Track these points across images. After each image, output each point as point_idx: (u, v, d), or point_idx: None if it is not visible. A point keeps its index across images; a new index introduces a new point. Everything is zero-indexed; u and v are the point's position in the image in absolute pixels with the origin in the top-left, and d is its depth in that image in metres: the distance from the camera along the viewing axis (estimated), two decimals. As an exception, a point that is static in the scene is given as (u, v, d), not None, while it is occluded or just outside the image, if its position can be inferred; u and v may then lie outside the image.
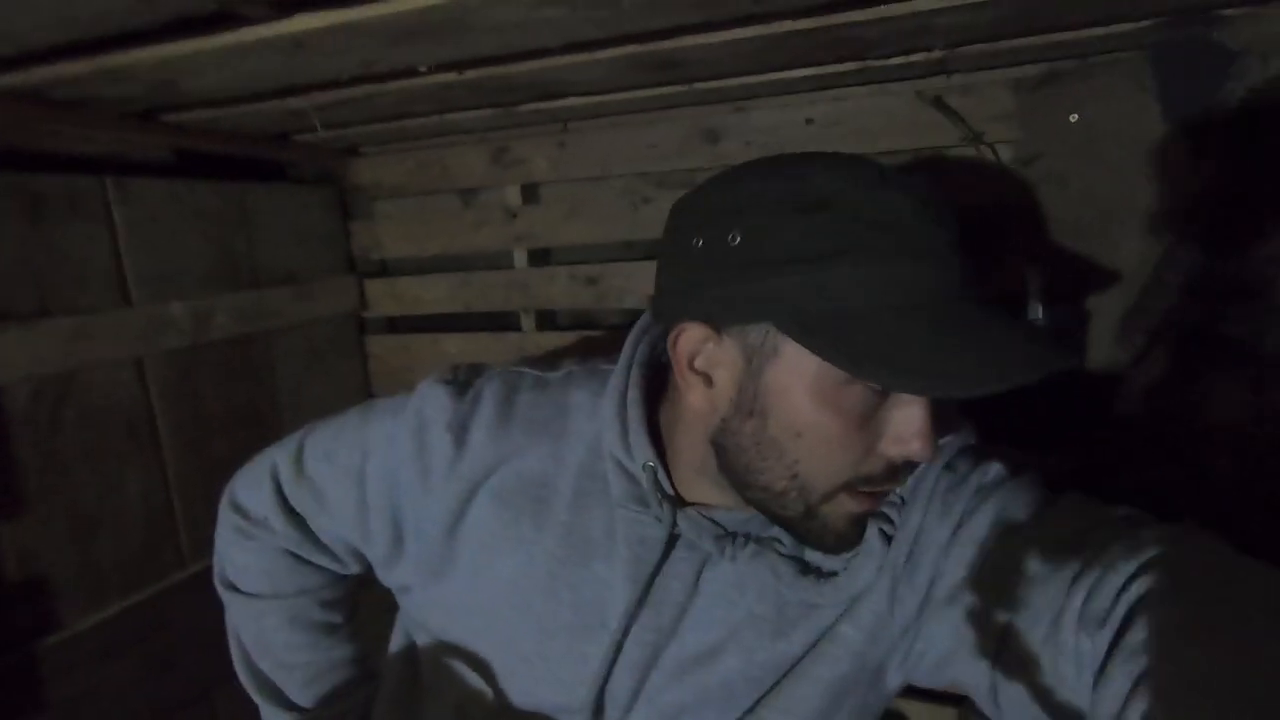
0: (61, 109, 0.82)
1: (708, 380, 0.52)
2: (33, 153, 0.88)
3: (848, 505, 0.50)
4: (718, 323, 0.50)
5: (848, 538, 0.52)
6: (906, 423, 0.47)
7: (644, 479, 0.56)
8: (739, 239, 0.47)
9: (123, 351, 0.96)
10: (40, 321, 0.87)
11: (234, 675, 0.75)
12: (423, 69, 0.75)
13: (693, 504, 0.57)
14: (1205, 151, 0.70)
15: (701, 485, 0.57)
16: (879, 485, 0.50)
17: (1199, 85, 0.74)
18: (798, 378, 0.48)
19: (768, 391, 0.49)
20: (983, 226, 0.97)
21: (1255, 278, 0.60)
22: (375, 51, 0.68)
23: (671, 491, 0.57)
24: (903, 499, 0.55)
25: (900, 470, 0.50)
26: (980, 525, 0.52)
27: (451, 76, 0.79)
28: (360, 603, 0.81)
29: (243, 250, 1.15)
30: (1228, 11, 0.74)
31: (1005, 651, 0.49)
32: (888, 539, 0.54)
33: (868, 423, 0.48)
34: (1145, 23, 0.77)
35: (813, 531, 0.52)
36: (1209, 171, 0.69)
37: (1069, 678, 0.43)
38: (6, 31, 0.58)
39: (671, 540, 0.57)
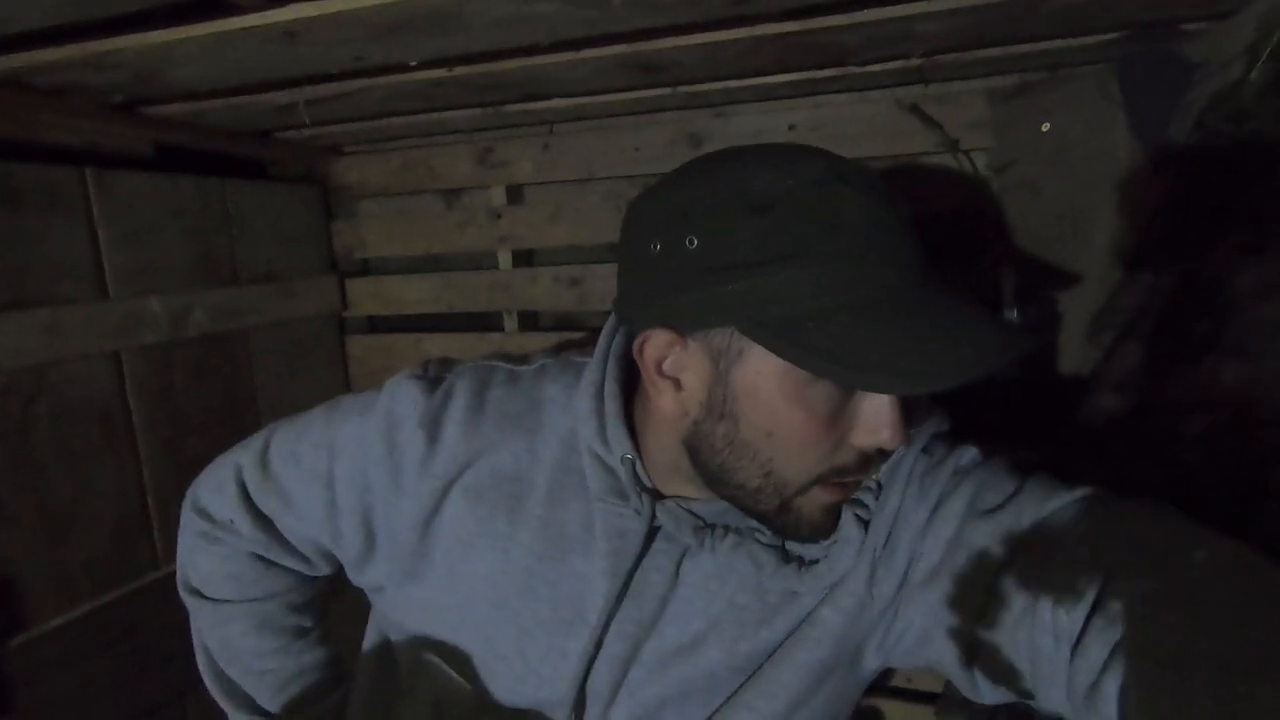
0: (43, 97, 0.81)
1: (677, 384, 0.52)
2: (10, 142, 0.87)
3: (821, 497, 0.51)
4: (682, 328, 0.50)
5: (822, 527, 0.53)
6: (876, 414, 0.48)
7: (622, 472, 0.56)
8: (695, 243, 0.47)
9: (99, 346, 0.95)
10: (13, 314, 0.86)
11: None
12: (413, 63, 0.76)
13: (670, 496, 0.58)
14: (1167, 157, 0.73)
15: (677, 479, 0.57)
16: (852, 476, 0.51)
17: (1162, 95, 0.78)
18: (765, 379, 0.48)
19: (736, 394, 0.49)
20: (959, 230, 1.00)
21: (1212, 276, 0.63)
22: (366, 44, 0.68)
23: (650, 484, 0.57)
24: (879, 484, 0.57)
25: (873, 460, 0.51)
26: (957, 507, 0.54)
27: (441, 73, 0.80)
28: (332, 606, 0.79)
29: (223, 247, 1.14)
30: (1189, 26, 0.77)
31: (982, 629, 0.50)
32: (864, 524, 0.55)
33: (837, 417, 0.48)
34: (1111, 35, 0.80)
35: (788, 524, 0.53)
36: (1170, 175, 0.72)
37: (1046, 651, 0.45)
38: (-7, 13, 0.58)
39: (651, 532, 0.57)
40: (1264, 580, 0.38)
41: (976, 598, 0.51)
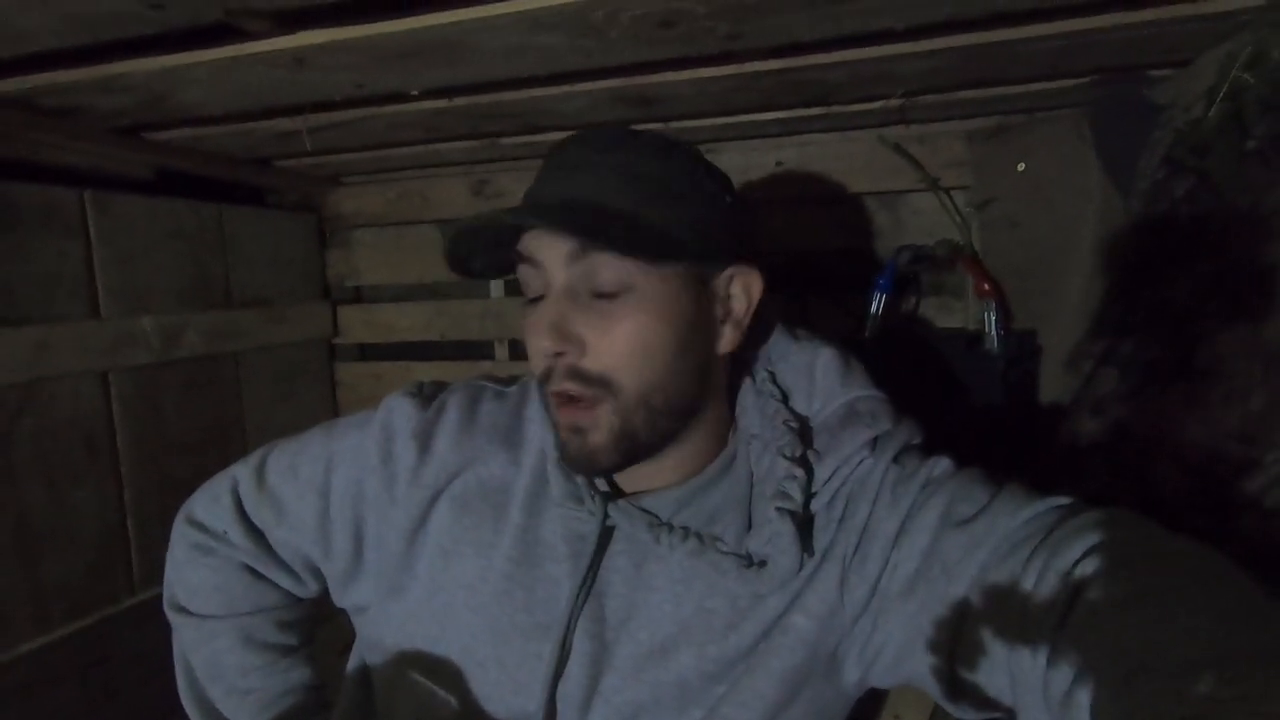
0: (48, 119, 0.83)
1: None
2: (10, 161, 0.88)
3: (554, 412, 0.57)
4: None
5: (572, 456, 0.56)
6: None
7: (579, 476, 0.59)
8: None
9: (88, 364, 0.95)
10: (3, 330, 0.86)
11: (179, 710, 0.72)
12: (415, 92, 0.79)
13: (631, 494, 0.60)
14: (1137, 192, 0.77)
15: (633, 471, 0.59)
16: (548, 385, 0.56)
17: (1131, 136, 0.82)
18: None
19: None
20: (942, 263, 1.03)
21: (1183, 304, 0.65)
22: (372, 72, 0.71)
23: (606, 487, 0.60)
24: (809, 477, 0.57)
25: (554, 371, 0.55)
26: (930, 518, 0.54)
27: (442, 103, 0.83)
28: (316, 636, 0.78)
29: (218, 271, 1.15)
30: (1154, 72, 0.82)
31: (960, 641, 0.50)
32: (791, 515, 0.56)
33: (535, 330, 0.55)
34: (1082, 80, 0.85)
35: (559, 443, 0.58)
36: (1141, 210, 0.75)
37: (1024, 663, 0.45)
38: (4, 30, 0.59)
39: (608, 534, 0.59)
40: (1230, 581, 0.39)
41: (953, 609, 0.51)
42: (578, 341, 0.53)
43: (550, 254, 0.54)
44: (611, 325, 0.53)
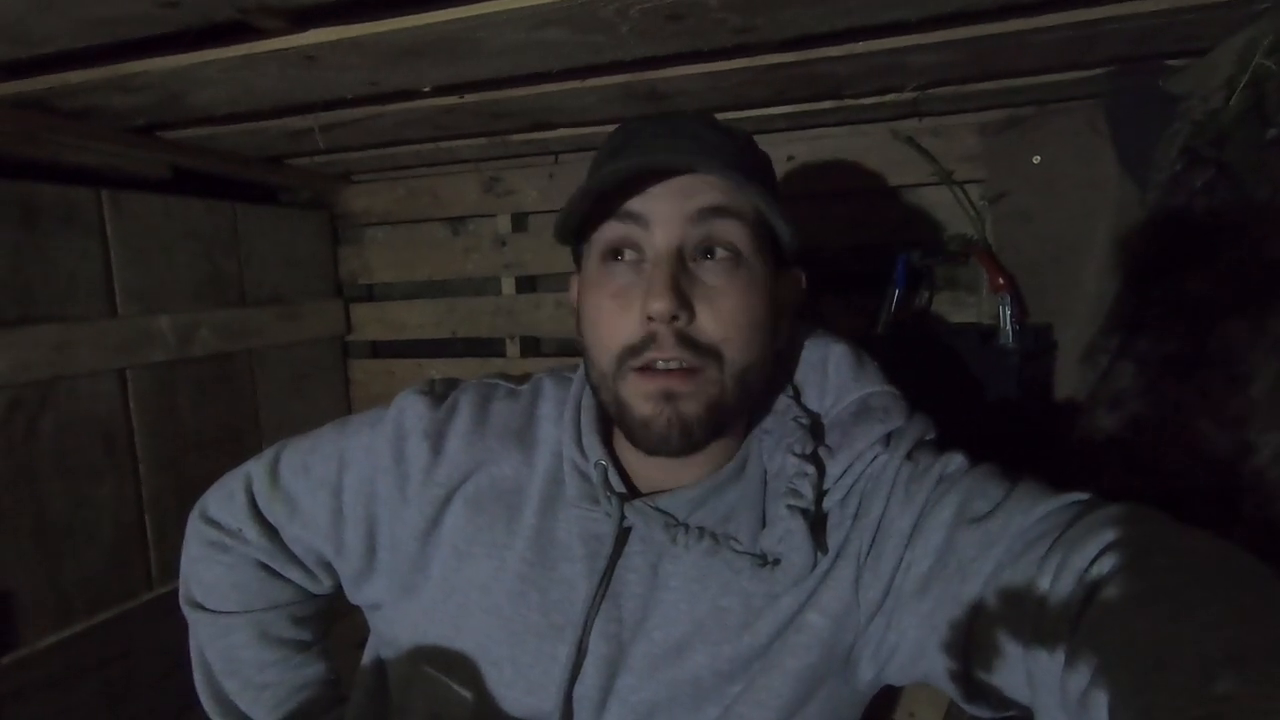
0: (65, 119, 0.84)
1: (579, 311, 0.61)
2: (29, 162, 0.89)
3: (637, 384, 0.53)
4: (576, 255, 0.61)
5: (659, 431, 0.53)
6: (648, 284, 0.52)
7: (595, 476, 0.59)
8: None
9: (106, 362, 0.96)
10: (23, 329, 0.87)
11: (198, 704, 0.72)
12: (426, 89, 0.79)
13: (646, 494, 0.59)
14: (1154, 185, 0.76)
15: (649, 468, 0.59)
16: (644, 353, 0.53)
17: (1147, 128, 0.81)
18: (583, 275, 0.59)
19: (579, 294, 0.60)
20: (956, 258, 1.02)
21: (1200, 295, 0.64)
22: (382, 69, 0.71)
23: (623, 488, 0.59)
24: (820, 474, 0.57)
25: (658, 335, 0.52)
26: (945, 515, 0.54)
27: (452, 100, 0.83)
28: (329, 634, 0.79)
29: (232, 269, 1.16)
30: (1171, 61, 0.81)
31: (976, 640, 0.50)
32: (803, 513, 0.55)
33: (628, 296, 0.54)
34: (1097, 71, 0.84)
35: (626, 420, 0.55)
36: (1157, 202, 0.74)
37: (1041, 661, 0.44)
38: (23, 33, 0.60)
39: (624, 535, 0.59)
40: (1249, 576, 0.39)
41: (968, 607, 0.50)
42: (689, 307, 0.52)
43: (669, 212, 0.53)
44: (723, 295, 0.53)
